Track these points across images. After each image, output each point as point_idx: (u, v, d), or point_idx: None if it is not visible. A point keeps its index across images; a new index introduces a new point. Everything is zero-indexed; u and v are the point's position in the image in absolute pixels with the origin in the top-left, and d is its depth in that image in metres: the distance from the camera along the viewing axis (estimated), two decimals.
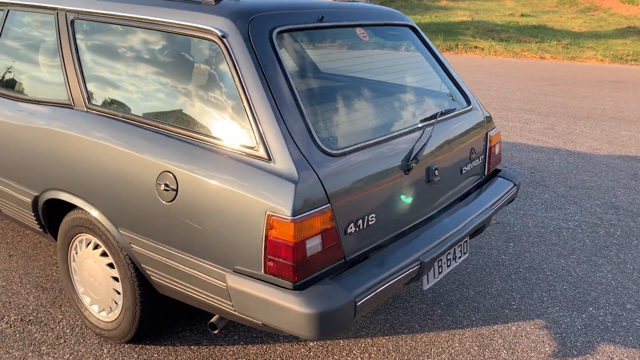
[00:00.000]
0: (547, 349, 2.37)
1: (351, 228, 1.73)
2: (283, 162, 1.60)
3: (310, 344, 2.32)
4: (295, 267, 1.56)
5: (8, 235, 3.09)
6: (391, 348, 2.33)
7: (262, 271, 1.61)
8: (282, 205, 1.55)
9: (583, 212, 3.85)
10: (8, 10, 2.44)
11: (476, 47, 15.01)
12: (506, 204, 2.53)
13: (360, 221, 1.76)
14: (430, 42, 2.57)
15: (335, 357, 2.25)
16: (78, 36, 2.14)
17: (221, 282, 1.70)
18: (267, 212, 1.57)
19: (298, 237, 1.55)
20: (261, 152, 1.64)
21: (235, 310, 1.71)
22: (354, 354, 2.27)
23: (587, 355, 2.34)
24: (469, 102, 2.51)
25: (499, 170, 2.71)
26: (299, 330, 1.55)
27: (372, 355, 2.27)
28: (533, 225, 3.61)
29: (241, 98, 1.69)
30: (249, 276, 1.64)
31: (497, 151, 2.62)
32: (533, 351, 2.35)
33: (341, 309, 1.56)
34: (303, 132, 1.66)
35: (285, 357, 2.23)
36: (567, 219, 3.73)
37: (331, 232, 1.64)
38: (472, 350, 2.34)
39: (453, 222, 2.13)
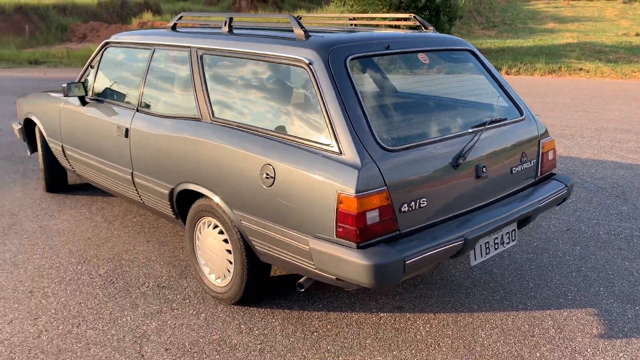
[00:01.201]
0: (594, 331, 2.66)
1: (404, 207, 2.22)
2: (350, 154, 2.15)
3: (381, 313, 2.80)
4: (357, 232, 2.08)
5: (145, 227, 3.89)
6: (450, 322, 2.74)
7: (334, 236, 2.15)
8: (348, 185, 2.09)
9: None
10: (154, 49, 3.23)
11: (581, 69, 14.66)
12: (556, 202, 2.87)
13: (413, 203, 2.25)
14: (487, 63, 3.01)
15: (401, 325, 2.71)
16: (205, 67, 2.85)
17: (305, 246, 2.26)
18: (338, 191, 2.12)
19: (360, 209, 2.07)
20: (334, 148, 2.20)
21: (315, 268, 2.26)
22: (417, 324, 2.72)
23: (632, 339, 2.59)
24: (521, 114, 2.90)
25: (554, 174, 3.05)
26: (360, 278, 2.07)
27: (434, 326, 2.70)
28: (604, 233, 3.82)
29: (321, 108, 2.27)
30: (325, 240, 2.18)
31: (550, 157, 2.97)
32: (580, 332, 2.65)
33: (392, 264, 2.05)
34: (366, 133, 2.20)
35: (360, 322, 2.73)
36: None
37: (387, 208, 2.15)
38: (522, 327, 2.69)
39: (499, 209, 2.54)
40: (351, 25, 3.64)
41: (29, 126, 4.56)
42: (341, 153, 2.19)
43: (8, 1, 21.74)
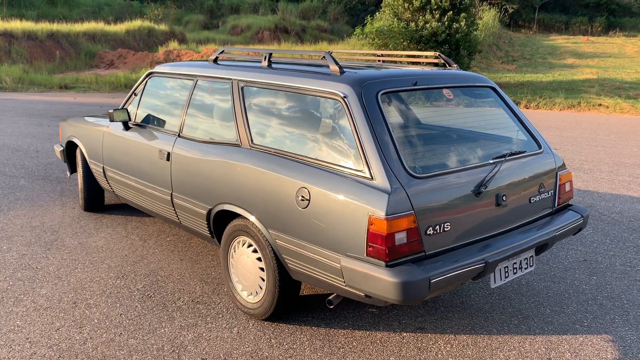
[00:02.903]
0: (609, 356, 2.78)
1: (430, 230, 2.40)
2: (380, 179, 2.34)
3: (404, 333, 2.95)
4: (387, 251, 2.26)
5: (178, 245, 4.10)
6: (470, 343, 2.88)
7: (365, 255, 2.33)
8: (378, 208, 2.28)
9: None
10: (197, 80, 3.49)
11: (600, 104, 14.79)
12: (572, 231, 3.02)
13: (437, 226, 2.43)
14: (508, 98, 3.20)
15: (423, 344, 2.85)
16: (245, 97, 3.09)
17: (336, 264, 2.44)
18: (369, 213, 2.31)
19: (389, 230, 2.26)
20: (366, 173, 2.40)
21: (345, 285, 2.43)
22: (439, 344, 2.86)
23: None
24: (539, 147, 3.08)
25: (571, 205, 3.20)
26: (389, 295, 2.24)
27: (454, 346, 2.84)
28: (620, 264, 3.94)
29: (354, 137, 2.48)
30: (355, 258, 2.36)
31: (567, 188, 3.14)
32: (595, 356, 2.77)
33: (419, 282, 2.22)
34: (396, 161, 2.40)
35: (383, 340, 2.88)
36: None
37: (413, 231, 2.33)
38: (539, 350, 2.82)
39: (518, 236, 2.71)
40: (379, 61, 3.88)
41: (70, 148, 4.84)
42: (372, 178, 2.38)
43: (41, 28, 22.60)
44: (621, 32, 36.41)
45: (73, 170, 4.92)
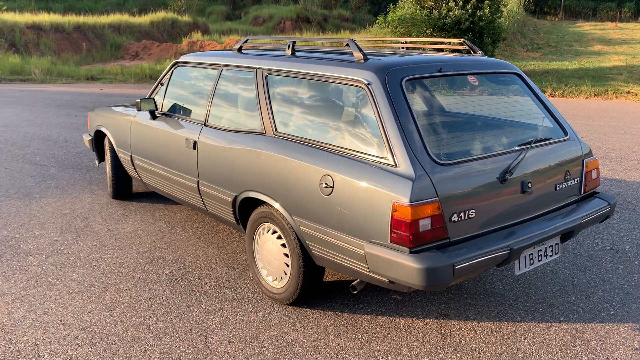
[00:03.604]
0: (636, 344, 2.76)
1: (454, 217, 2.41)
2: (404, 166, 2.36)
3: (427, 319, 2.97)
4: (411, 238, 2.28)
5: (205, 232, 4.17)
6: (494, 329, 2.89)
7: (388, 241, 2.35)
8: (403, 195, 2.30)
9: None
10: (222, 69, 3.53)
11: (629, 92, 14.47)
12: (599, 219, 3.00)
13: (462, 213, 2.43)
14: (534, 85, 3.18)
15: (446, 330, 2.87)
16: (270, 86, 3.12)
17: (360, 250, 2.47)
18: (393, 200, 2.32)
19: (413, 217, 2.27)
20: (390, 161, 2.42)
21: (369, 271, 2.46)
22: (462, 330, 2.87)
23: None
24: (565, 134, 3.05)
25: (597, 193, 3.17)
26: (413, 280, 2.26)
27: (478, 333, 2.86)
28: None
29: (378, 124, 2.49)
30: (379, 245, 2.39)
31: (594, 176, 3.10)
32: (622, 345, 2.76)
33: (443, 268, 2.24)
34: (420, 148, 2.41)
35: (407, 326, 2.90)
36: None
37: (438, 218, 2.34)
38: (564, 338, 2.81)
39: (543, 223, 2.70)
40: (402, 48, 3.87)
41: (98, 138, 4.94)
42: (396, 165, 2.40)
43: (68, 20, 22.96)
44: None
45: (101, 159, 5.03)
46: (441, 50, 5.37)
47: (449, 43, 3.26)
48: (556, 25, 32.01)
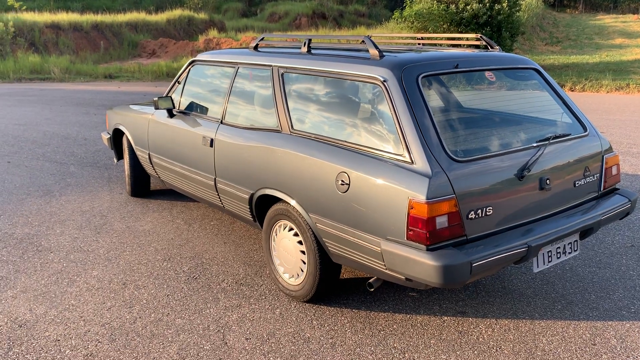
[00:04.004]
0: None
1: (471, 214, 2.39)
2: (421, 163, 2.35)
3: (444, 317, 2.96)
4: (427, 235, 2.27)
5: (222, 229, 4.20)
6: (512, 327, 2.87)
7: (405, 238, 2.35)
8: (419, 192, 2.29)
9: None
10: (238, 67, 3.54)
11: None
12: (619, 216, 2.95)
13: (480, 210, 2.42)
14: (552, 81, 3.14)
15: (464, 328, 2.86)
16: (286, 83, 3.12)
17: (377, 247, 2.46)
18: (409, 197, 2.32)
19: (430, 214, 2.26)
20: (406, 158, 2.41)
21: (386, 268, 2.46)
22: (480, 328, 2.86)
23: None
24: (585, 129, 3.01)
25: (617, 189, 3.12)
26: (430, 278, 2.25)
27: (496, 330, 2.84)
28: None
29: (394, 122, 2.48)
30: (396, 242, 2.38)
31: (614, 172, 3.06)
32: None
33: (460, 266, 2.22)
34: (437, 144, 2.40)
35: (424, 324, 2.89)
36: None
37: (455, 215, 2.33)
38: (584, 336, 2.78)
39: (562, 220, 2.66)
40: (418, 44, 3.85)
41: (116, 136, 5.00)
42: (412, 162, 2.39)
43: (86, 19, 23.21)
44: None
45: (120, 157, 5.09)
46: (459, 46, 5.33)
47: (467, 39, 3.22)
48: (576, 18, 31.53)
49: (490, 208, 2.46)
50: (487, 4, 16.17)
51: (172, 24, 26.28)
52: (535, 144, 2.71)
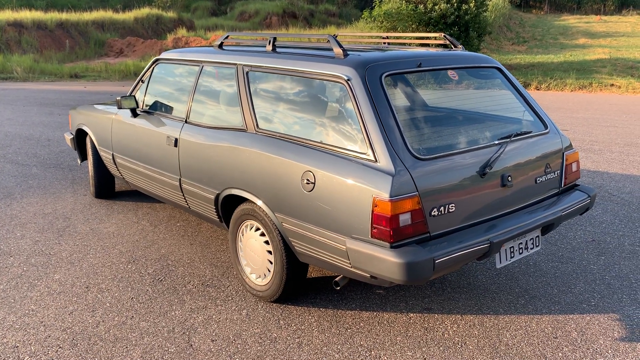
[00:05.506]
0: (615, 335, 2.79)
1: (434, 211, 2.41)
2: (384, 162, 2.36)
3: (410, 314, 2.98)
4: (391, 233, 2.28)
5: (188, 231, 4.15)
6: (477, 323, 2.90)
7: (369, 236, 2.35)
8: (383, 190, 2.30)
9: None
10: (202, 66, 3.50)
11: (612, 85, 14.61)
12: (579, 211, 3.02)
13: (442, 207, 2.44)
14: (514, 79, 3.19)
15: (429, 324, 2.88)
16: (250, 82, 3.10)
17: (342, 246, 2.46)
18: (373, 196, 2.32)
19: (393, 212, 2.27)
20: (370, 156, 2.41)
21: (351, 266, 2.46)
22: (445, 324, 2.89)
23: None
24: (546, 127, 3.07)
25: (578, 185, 3.19)
26: (393, 275, 2.26)
27: (461, 326, 2.87)
28: (629, 244, 3.92)
29: (358, 120, 2.49)
30: (360, 240, 2.39)
31: (574, 168, 3.13)
32: (602, 335, 2.78)
33: (423, 262, 2.24)
34: (400, 143, 2.41)
35: (390, 321, 2.91)
36: None
37: (418, 212, 2.35)
38: (546, 329, 2.84)
39: (524, 216, 2.71)
40: (384, 43, 3.86)
41: (80, 136, 4.89)
42: (376, 161, 2.39)
43: (50, 17, 22.68)
44: (634, 11, 35.76)
45: (84, 157, 4.98)
46: (427, 45, 5.38)
47: (434, 38, 3.25)
48: (542, 18, 32.21)
49: (453, 205, 2.48)
50: (455, 4, 16.37)
51: (140, 22, 25.89)
52: (497, 142, 2.75)
